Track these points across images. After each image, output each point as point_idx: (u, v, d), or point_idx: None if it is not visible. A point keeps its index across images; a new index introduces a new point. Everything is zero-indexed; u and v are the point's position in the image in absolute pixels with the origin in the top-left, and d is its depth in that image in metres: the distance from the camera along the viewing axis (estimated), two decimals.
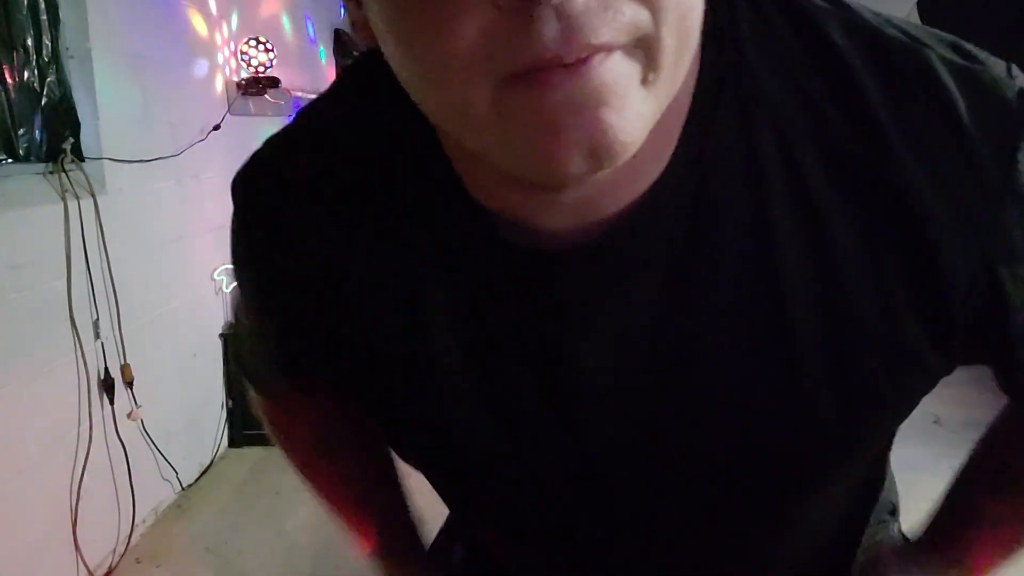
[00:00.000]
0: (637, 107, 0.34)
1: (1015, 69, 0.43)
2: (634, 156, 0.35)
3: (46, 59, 2.02)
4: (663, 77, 0.35)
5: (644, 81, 0.34)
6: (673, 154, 0.42)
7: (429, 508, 0.72)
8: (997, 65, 0.43)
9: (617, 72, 0.33)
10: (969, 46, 0.44)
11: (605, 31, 0.32)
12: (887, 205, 0.41)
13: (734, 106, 0.41)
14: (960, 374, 0.48)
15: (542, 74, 0.32)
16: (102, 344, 2.18)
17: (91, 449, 2.10)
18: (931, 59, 0.41)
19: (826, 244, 0.41)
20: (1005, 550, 0.58)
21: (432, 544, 0.75)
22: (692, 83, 0.42)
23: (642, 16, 0.33)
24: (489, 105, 0.34)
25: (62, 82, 2.07)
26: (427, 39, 0.33)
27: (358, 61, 0.52)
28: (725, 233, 0.42)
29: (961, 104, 0.40)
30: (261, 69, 2.93)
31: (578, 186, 0.38)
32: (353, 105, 0.50)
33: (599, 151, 0.34)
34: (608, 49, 0.32)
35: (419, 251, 0.47)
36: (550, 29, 0.31)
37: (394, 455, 0.64)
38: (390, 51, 0.37)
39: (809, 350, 0.42)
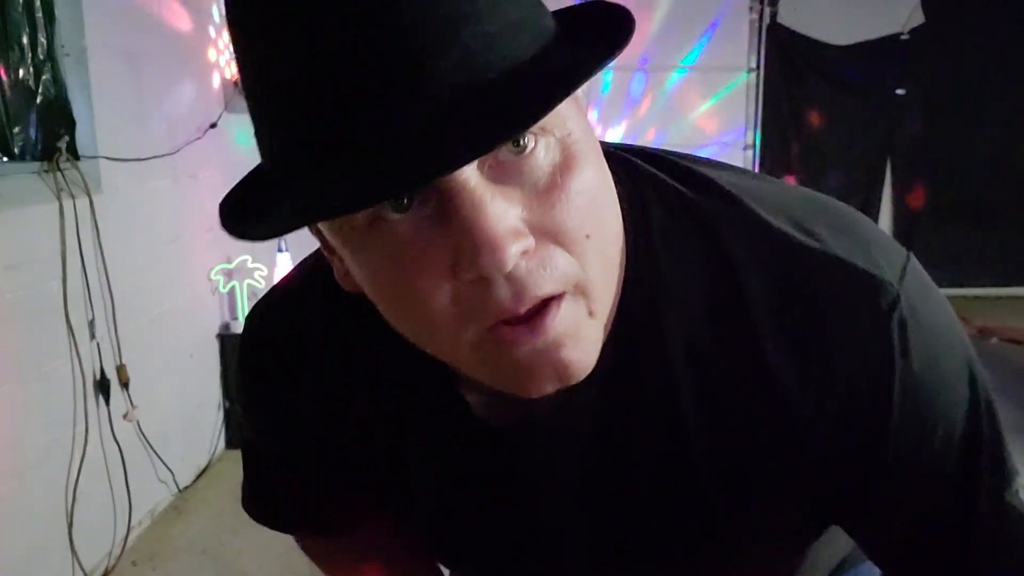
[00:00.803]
0: (589, 337, 0.43)
1: (911, 270, 0.47)
2: None
3: (41, 57, 2.01)
4: (602, 305, 0.43)
5: (590, 314, 0.42)
6: None
7: None
8: (890, 267, 0.47)
9: (568, 317, 0.41)
10: (876, 246, 0.48)
11: (547, 285, 0.40)
12: (764, 397, 0.47)
13: (647, 296, 0.48)
14: None
15: (508, 330, 0.40)
16: (98, 345, 2.16)
17: (87, 450, 2.09)
18: (809, 264, 0.47)
19: (719, 416, 0.49)
20: None
21: None
22: None
23: (572, 265, 0.40)
24: (469, 351, 0.42)
25: (57, 80, 2.07)
26: (408, 307, 0.42)
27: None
28: (641, 402, 0.49)
29: (834, 307, 0.46)
30: None
31: None
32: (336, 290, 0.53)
33: (565, 379, 0.42)
34: (557, 299, 0.40)
35: (403, 416, 0.56)
36: (503, 293, 0.39)
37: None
38: (375, 301, 0.45)
39: (709, 490, 0.50)
